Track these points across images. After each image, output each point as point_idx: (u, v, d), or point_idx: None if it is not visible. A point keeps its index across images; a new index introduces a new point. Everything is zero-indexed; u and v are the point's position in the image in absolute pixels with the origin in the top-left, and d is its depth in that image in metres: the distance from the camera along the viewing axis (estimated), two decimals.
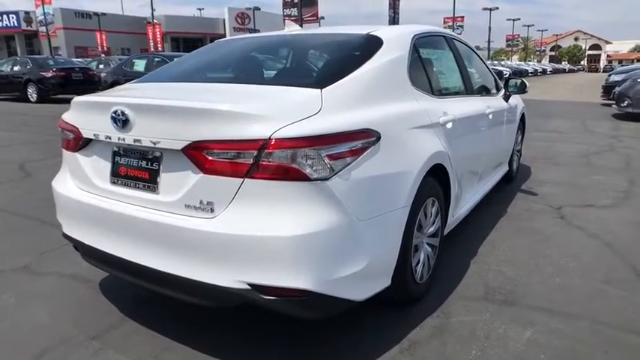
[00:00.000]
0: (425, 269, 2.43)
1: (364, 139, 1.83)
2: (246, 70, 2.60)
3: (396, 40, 2.46)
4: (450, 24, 39.41)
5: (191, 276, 1.76)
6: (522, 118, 4.83)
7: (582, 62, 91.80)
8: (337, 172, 1.70)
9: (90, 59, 23.15)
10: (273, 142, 1.62)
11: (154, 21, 42.76)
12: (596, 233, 3.40)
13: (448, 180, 2.57)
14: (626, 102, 9.29)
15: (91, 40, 45.43)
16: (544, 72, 50.40)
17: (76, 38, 46.27)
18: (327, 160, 1.67)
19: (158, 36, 43.52)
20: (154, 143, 1.80)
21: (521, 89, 3.99)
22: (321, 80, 1.96)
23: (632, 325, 2.24)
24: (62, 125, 2.28)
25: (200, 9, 64.52)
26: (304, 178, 1.64)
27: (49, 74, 14.33)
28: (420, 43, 2.72)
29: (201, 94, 2.01)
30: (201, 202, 1.74)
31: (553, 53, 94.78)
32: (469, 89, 3.29)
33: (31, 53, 42.56)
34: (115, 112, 1.87)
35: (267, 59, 2.65)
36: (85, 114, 2.11)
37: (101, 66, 17.88)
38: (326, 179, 1.67)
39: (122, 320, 2.32)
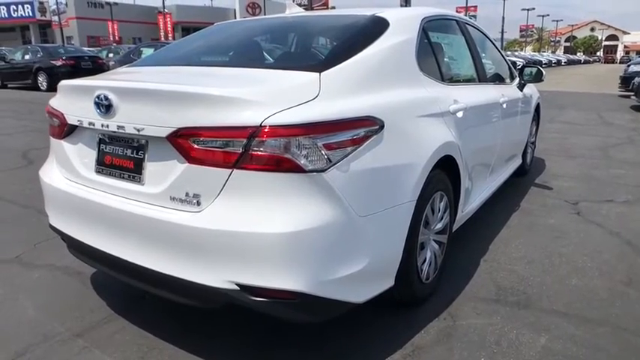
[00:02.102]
0: (431, 268, 2.27)
1: (366, 127, 1.67)
2: (245, 53, 2.44)
3: (403, 23, 2.28)
4: (463, 14, 38.60)
5: (176, 274, 1.63)
6: (537, 108, 4.61)
7: (598, 53, 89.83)
8: (335, 164, 1.55)
9: (101, 48, 23.13)
10: (264, 130, 1.46)
11: (165, 10, 42.62)
12: (615, 230, 3.21)
13: (458, 173, 2.40)
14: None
15: (103, 30, 45.52)
16: (559, 63, 49.38)
17: (88, 28, 46.40)
18: (323, 150, 1.52)
19: (169, 25, 43.40)
20: (138, 130, 1.66)
21: (537, 77, 3.78)
22: (320, 64, 1.79)
23: None
24: (49, 110, 2.15)
25: None
26: (298, 169, 1.49)
27: (59, 63, 14.32)
28: (430, 26, 2.53)
29: (193, 77, 1.86)
30: (187, 195, 1.60)
31: (568, 44, 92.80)
32: (482, 77, 3.10)
33: (45, 42, 42.75)
34: (98, 97, 1.73)
35: (266, 42, 2.48)
36: (70, 99, 1.98)
37: (111, 55, 17.83)
38: (322, 171, 1.52)
39: (110, 317, 2.20)
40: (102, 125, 1.77)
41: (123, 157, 1.80)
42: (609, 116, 8.87)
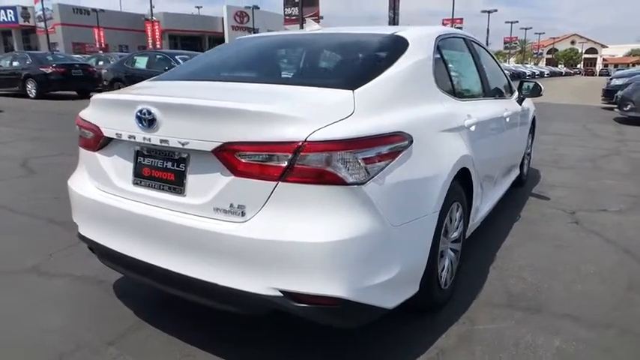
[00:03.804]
0: (448, 275, 2.38)
1: (398, 142, 1.78)
2: (272, 69, 2.54)
3: (421, 42, 2.41)
4: (450, 26, 39.40)
5: (219, 282, 1.70)
6: (533, 121, 4.79)
7: (579, 65, 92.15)
8: (373, 177, 1.65)
9: (89, 56, 22.97)
10: (309, 145, 1.56)
11: (153, 18, 42.51)
12: (613, 239, 3.37)
13: (471, 184, 2.52)
14: (629, 106, 9.29)
15: (89, 37, 45.18)
16: (541, 75, 50.53)
17: (73, 34, 46.03)
18: (362, 164, 1.62)
19: (157, 33, 43.26)
20: (183, 144, 1.74)
21: (536, 92, 3.95)
22: (352, 81, 1.90)
23: None
24: (80, 123, 2.21)
25: (198, 7, 63.86)
26: (340, 182, 1.59)
27: (49, 70, 14.20)
28: (443, 44, 2.67)
29: (230, 93, 1.95)
30: (231, 206, 1.68)
31: (550, 56, 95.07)
32: (487, 92, 3.25)
33: (28, 49, 42.28)
34: (140, 112, 1.81)
35: (292, 59, 2.58)
36: (107, 112, 2.04)
37: (101, 62, 17.74)
38: (362, 183, 1.62)
39: (138, 324, 2.25)
40: (143, 138, 1.84)
41: (163, 169, 1.87)
42: (595, 128, 9.18)
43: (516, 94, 4.02)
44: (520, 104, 4.00)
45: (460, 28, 40.31)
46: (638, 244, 3.25)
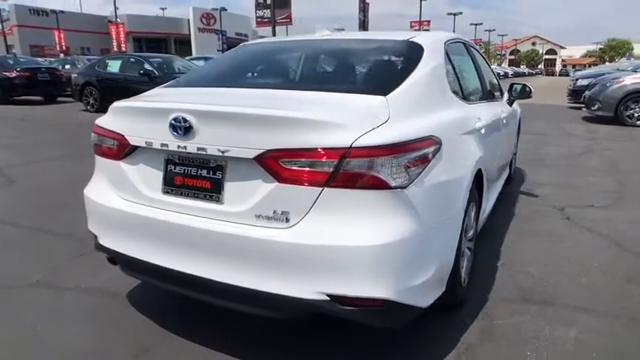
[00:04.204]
0: (466, 272, 2.46)
1: (432, 146, 1.83)
2: (297, 75, 2.55)
3: (434, 47, 2.48)
4: (417, 28, 40.19)
5: (261, 288, 1.71)
6: (519, 121, 4.98)
7: (540, 66, 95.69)
8: (413, 180, 1.70)
9: (52, 59, 22.15)
10: (354, 151, 1.59)
11: (117, 20, 41.41)
12: (604, 233, 3.54)
13: (482, 184, 2.61)
14: (596, 105, 9.74)
15: (48, 39, 43.53)
16: (506, 75, 52.05)
17: (30, 36, 44.30)
18: (404, 168, 1.67)
19: (122, 36, 42.15)
20: (222, 152, 1.73)
21: (526, 94, 4.10)
22: (383, 87, 1.94)
23: None
24: (99, 132, 2.16)
25: (163, 8, 62.52)
26: (384, 186, 1.63)
27: (13, 74, 13.62)
28: (450, 49, 2.75)
29: (266, 101, 1.95)
30: (275, 212, 1.69)
31: (512, 57, 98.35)
32: (485, 95, 3.37)
33: None
34: (175, 119, 1.79)
35: (313, 64, 2.60)
36: (134, 120, 2.01)
37: (67, 66, 17.15)
38: (404, 187, 1.67)
39: (164, 336, 2.22)
40: (178, 147, 1.83)
41: (197, 177, 1.86)
42: (567, 127, 9.57)
43: (506, 95, 4.17)
44: (510, 106, 4.15)
45: (427, 30, 41.18)
46: (628, 238, 3.43)
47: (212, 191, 1.83)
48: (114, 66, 11.64)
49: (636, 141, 7.86)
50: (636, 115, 9.24)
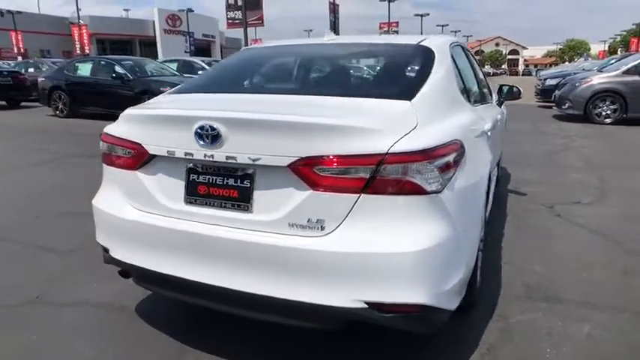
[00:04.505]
0: (479, 274, 2.50)
1: (458, 150, 1.85)
2: (315, 80, 2.52)
3: (442, 51, 2.51)
4: (386, 29, 40.74)
5: (297, 297, 1.68)
6: (505, 122, 5.10)
7: (503, 66, 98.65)
8: (446, 185, 1.71)
9: (11, 62, 21.22)
10: (391, 157, 1.59)
11: (80, 22, 40.08)
12: (594, 229, 3.68)
13: (489, 185, 2.66)
14: (567, 104, 10.11)
15: (4, 41, 41.61)
16: None
17: None
18: (438, 173, 1.67)
19: (85, 38, 40.79)
20: (254, 160, 1.70)
21: (515, 95, 4.20)
22: (406, 92, 1.95)
23: None
24: (110, 140, 2.08)
25: (126, 10, 60.97)
26: (421, 191, 1.63)
27: None
28: (453, 52, 2.79)
29: (293, 107, 1.92)
30: (309, 220, 1.67)
31: (477, 57, 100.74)
32: (483, 97, 3.43)
33: None
34: (201, 128, 1.74)
35: (329, 69, 2.58)
36: (152, 128, 1.94)
37: (30, 69, 16.48)
38: (439, 192, 1.67)
39: (181, 350, 2.16)
40: (204, 156, 1.78)
41: (224, 186, 1.81)
42: (541, 126, 9.89)
43: (496, 97, 4.27)
44: (500, 107, 4.25)
45: (396, 31, 41.77)
46: (618, 233, 3.57)
47: (240, 200, 1.79)
48: (84, 69, 11.25)
49: (607, 138, 8.20)
50: (604, 113, 9.64)
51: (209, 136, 1.74)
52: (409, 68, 2.31)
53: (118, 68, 10.79)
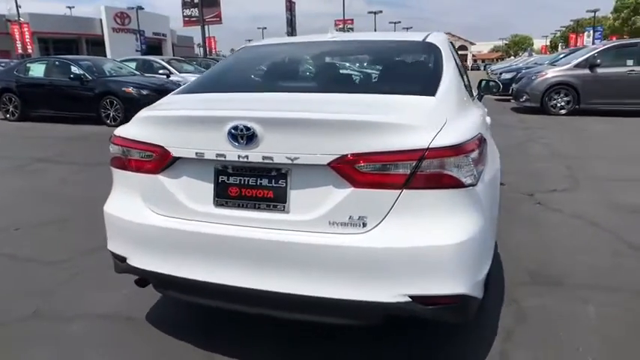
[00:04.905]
0: None
1: (484, 143, 1.91)
2: (335, 78, 2.50)
3: (446, 47, 2.57)
4: (341, 26, 41.01)
5: (340, 295, 1.68)
6: None
7: None
8: (479, 178, 1.76)
9: None
10: (431, 152, 1.62)
11: (20, 19, 37.75)
12: (577, 214, 3.89)
13: None
14: (524, 97, 10.60)
15: None
16: None
17: None
18: (473, 166, 1.72)
19: (27, 36, 38.46)
20: (292, 160, 1.68)
21: (492, 89, 4.35)
22: (428, 88, 1.98)
23: None
24: (124, 143, 1.99)
25: (70, 7, 57.85)
26: (459, 185, 1.67)
27: None
28: (451, 49, 2.86)
29: (324, 105, 1.90)
30: (350, 218, 1.67)
31: None
32: (472, 92, 3.54)
33: None
34: (235, 128, 1.70)
35: (347, 66, 2.56)
36: (176, 130, 1.87)
37: None
38: (474, 185, 1.72)
39: (209, 358, 2.10)
40: (238, 157, 1.73)
41: (257, 187, 1.78)
42: (501, 118, 10.27)
43: (475, 91, 4.40)
44: (480, 101, 4.39)
45: (351, 28, 42.14)
46: (597, 217, 3.79)
47: (276, 200, 1.76)
48: (37, 70, 10.62)
49: (565, 128, 8.66)
50: (559, 104, 10.18)
51: (244, 136, 1.70)
52: (422, 65, 2.36)
53: (75, 68, 10.26)
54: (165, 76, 12.08)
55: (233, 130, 1.71)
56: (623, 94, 9.56)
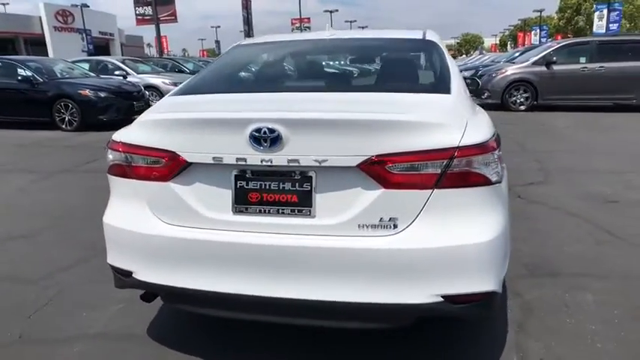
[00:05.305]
0: None
1: (499, 141, 1.91)
2: (348, 76, 2.43)
3: (442, 44, 2.58)
4: (298, 25, 40.93)
5: (370, 299, 1.64)
6: None
7: None
8: (502, 175, 1.77)
9: None
10: (461, 150, 1.61)
11: None
12: (555, 206, 4.04)
13: None
14: (486, 94, 10.95)
15: None
16: None
17: None
18: (498, 164, 1.72)
19: None
20: (320, 162, 1.61)
21: (473, 87, 4.44)
22: (441, 86, 1.98)
23: None
24: (129, 150, 1.85)
25: (4, 4, 54.32)
26: (487, 182, 1.67)
27: None
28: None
29: (346, 105, 1.84)
30: (381, 220, 1.63)
31: None
32: None
33: None
34: (257, 130, 1.62)
35: (355, 65, 2.49)
36: (189, 134, 1.75)
37: None
38: (500, 182, 1.73)
39: None
40: (261, 161, 1.65)
41: (280, 191, 1.71)
42: None
43: None
44: None
45: (308, 27, 42.13)
46: (576, 207, 3.96)
47: (300, 205, 1.69)
48: None
49: (527, 124, 9.02)
50: (518, 101, 10.60)
51: (267, 139, 1.62)
52: (430, 62, 2.35)
53: (22, 70, 9.60)
54: (122, 77, 11.58)
55: (255, 133, 1.62)
56: (577, 89, 10.09)
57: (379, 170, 1.60)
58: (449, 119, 1.68)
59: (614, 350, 2.08)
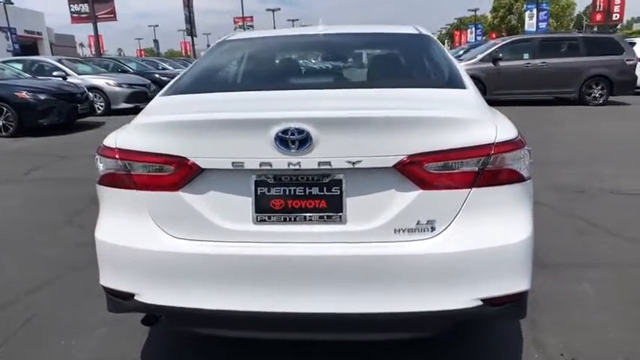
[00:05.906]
0: None
1: None
2: (359, 73, 2.29)
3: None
4: (241, 24, 40.18)
5: (408, 309, 1.54)
6: None
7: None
8: (530, 171, 1.73)
9: None
10: (498, 147, 1.55)
11: None
12: (536, 201, 4.13)
13: None
14: None
15: None
16: None
17: None
18: (529, 159, 1.68)
19: None
20: (354, 163, 1.49)
21: None
22: (455, 80, 1.93)
23: (636, 260, 2.87)
24: (129, 157, 1.64)
25: None
26: (521, 179, 1.62)
27: None
28: None
29: (373, 102, 1.71)
30: (418, 223, 1.54)
31: None
32: None
33: None
34: (284, 132, 1.47)
35: (361, 60, 2.36)
36: (203, 137, 1.56)
37: None
38: (530, 178, 1.69)
39: None
40: (288, 164, 1.50)
41: (306, 197, 1.56)
42: None
43: None
44: None
45: (251, 26, 41.55)
46: (551, 199, 4.08)
47: (330, 211, 1.56)
48: None
49: None
50: None
51: (295, 141, 1.47)
52: (435, 57, 2.27)
53: None
54: (61, 78, 10.77)
55: (282, 134, 1.47)
56: (522, 85, 10.58)
57: (416, 170, 1.51)
58: (481, 115, 1.62)
59: (627, 339, 2.11)
